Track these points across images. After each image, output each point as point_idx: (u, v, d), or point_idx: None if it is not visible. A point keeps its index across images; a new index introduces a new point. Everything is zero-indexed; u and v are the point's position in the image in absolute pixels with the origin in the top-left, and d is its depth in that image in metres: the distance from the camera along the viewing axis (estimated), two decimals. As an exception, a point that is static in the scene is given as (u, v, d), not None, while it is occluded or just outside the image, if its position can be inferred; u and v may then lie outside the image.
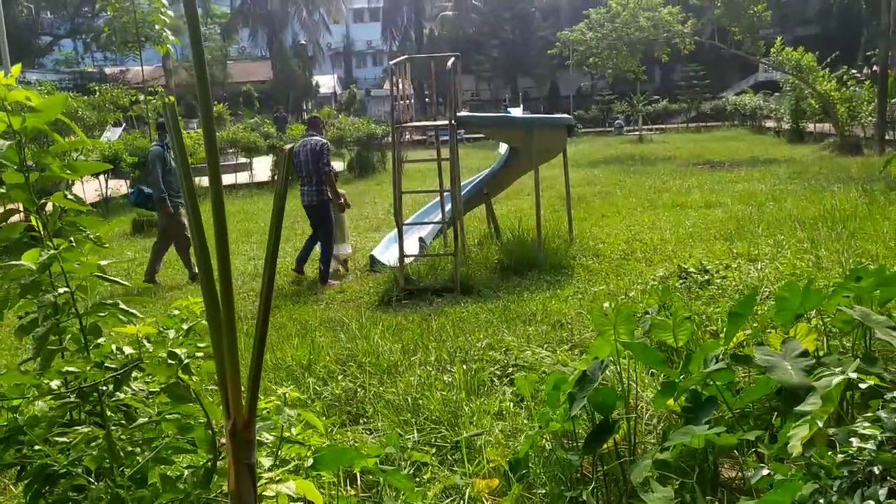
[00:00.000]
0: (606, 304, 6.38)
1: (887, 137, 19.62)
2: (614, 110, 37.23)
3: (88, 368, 1.93)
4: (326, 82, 55.31)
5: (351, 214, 13.69)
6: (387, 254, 9.12)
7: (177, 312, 2.50)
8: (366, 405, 4.20)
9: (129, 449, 2.09)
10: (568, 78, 45.29)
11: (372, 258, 8.97)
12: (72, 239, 2.30)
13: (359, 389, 4.49)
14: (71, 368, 1.96)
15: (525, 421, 3.90)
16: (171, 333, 2.25)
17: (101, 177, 14.95)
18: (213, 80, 46.89)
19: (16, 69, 2.44)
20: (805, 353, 3.18)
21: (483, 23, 45.77)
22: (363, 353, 5.14)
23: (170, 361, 1.91)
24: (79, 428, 2.15)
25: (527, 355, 5.10)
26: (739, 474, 3.35)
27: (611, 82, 29.01)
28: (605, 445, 3.21)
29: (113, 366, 2.07)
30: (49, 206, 2.56)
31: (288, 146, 1.81)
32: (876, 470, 2.01)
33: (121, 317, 2.13)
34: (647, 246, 9.06)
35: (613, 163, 21.51)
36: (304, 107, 51.83)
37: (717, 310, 5.41)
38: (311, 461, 2.25)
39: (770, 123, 30.40)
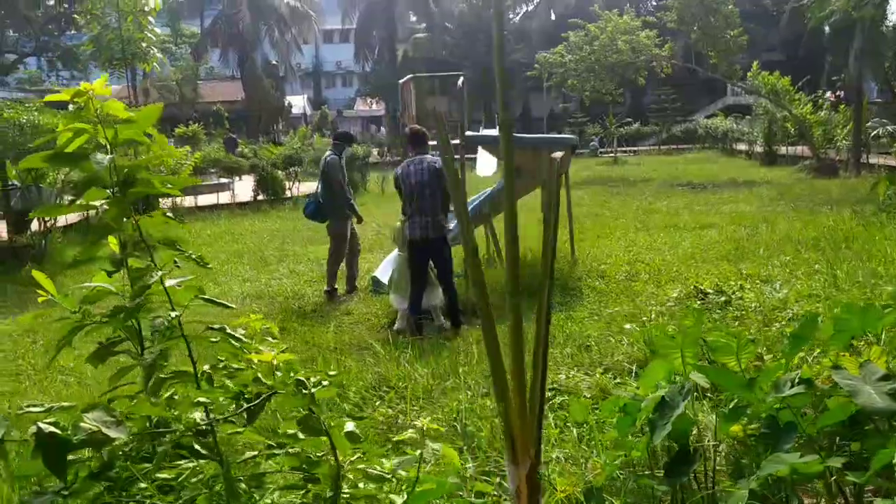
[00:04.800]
0: (628, 326, 6.36)
1: (862, 160, 20.04)
2: (587, 132, 37.59)
3: (221, 399, 1.77)
4: (297, 102, 55.09)
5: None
6: (388, 276, 8.95)
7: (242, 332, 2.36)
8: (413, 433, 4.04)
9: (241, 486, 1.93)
10: (540, 100, 45.68)
11: (375, 280, 8.80)
12: (176, 260, 2.15)
13: (399, 416, 4.34)
14: (203, 399, 1.80)
15: (584, 448, 3.78)
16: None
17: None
18: (183, 100, 46.41)
19: (101, 81, 2.29)
20: (887, 377, 3.12)
21: (456, 45, 46.09)
22: (397, 378, 4.98)
23: (303, 391, 1.76)
24: (182, 463, 1.99)
25: (561, 379, 5.00)
26: (815, 501, 3.27)
27: (587, 105, 29.26)
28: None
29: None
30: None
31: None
32: None
33: (233, 342, 1.98)
34: (650, 267, 9.04)
35: (594, 184, 21.62)
36: (276, 127, 51.51)
37: (754, 331, 5.35)
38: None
39: (742, 146, 30.91)
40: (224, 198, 18.31)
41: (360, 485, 1.94)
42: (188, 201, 17.09)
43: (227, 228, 14.59)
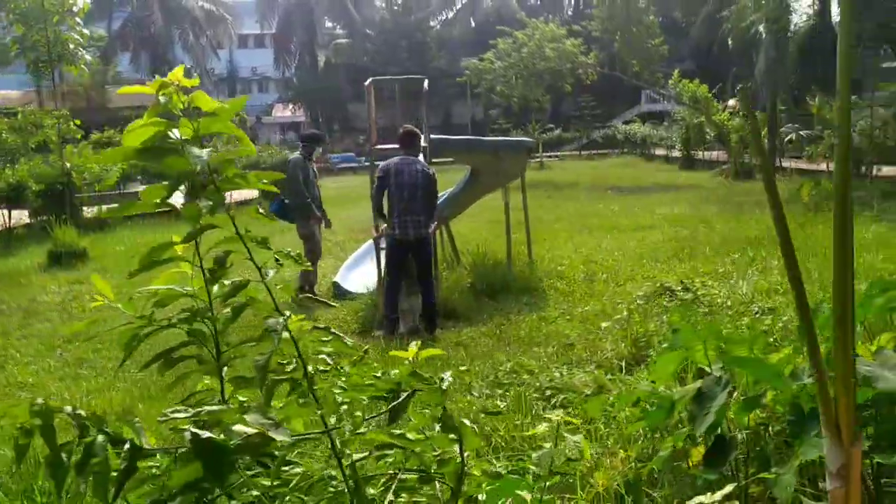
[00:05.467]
0: (605, 324, 6.48)
1: (776, 164, 21.06)
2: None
3: (366, 400, 1.71)
4: (212, 108, 53.62)
5: (287, 243, 13.27)
6: (349, 281, 8.85)
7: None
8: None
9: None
10: (462, 107, 46.01)
11: (336, 285, 8.67)
12: (277, 259, 2.06)
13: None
14: (342, 399, 1.73)
15: (609, 443, 3.83)
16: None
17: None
18: (92, 105, 44.53)
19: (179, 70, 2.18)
20: (903, 361, 3.29)
21: (377, 51, 45.92)
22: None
23: (441, 388, 1.72)
24: (288, 470, 1.92)
25: (556, 377, 5.04)
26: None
27: (516, 110, 29.70)
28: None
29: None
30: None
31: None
32: None
33: (347, 342, 1.92)
34: (604, 267, 9.24)
35: (526, 188, 21.90)
36: (191, 133, 50.02)
37: (727, 324, 5.54)
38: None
39: (660, 151, 32.00)
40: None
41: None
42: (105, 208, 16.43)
43: (160, 237, 14.03)
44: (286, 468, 1.94)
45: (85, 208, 15.21)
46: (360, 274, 8.97)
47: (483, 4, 49.64)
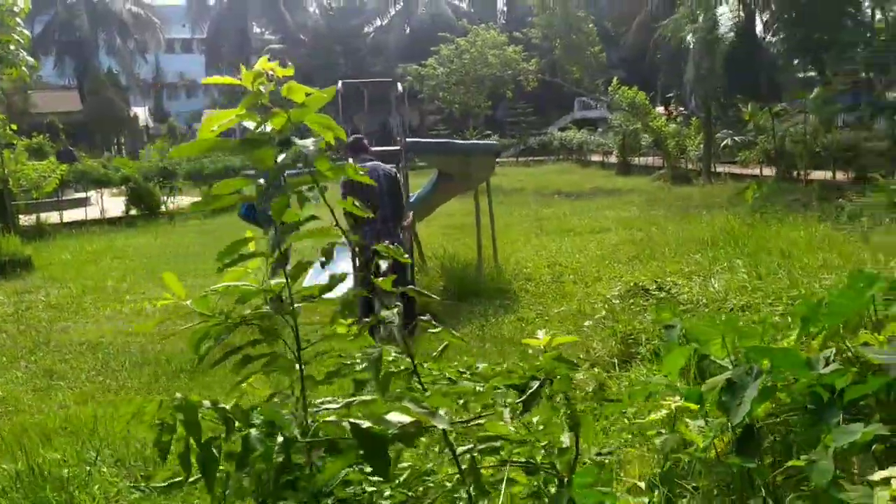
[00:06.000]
0: (588, 323, 6.59)
1: (711, 169, 21.79)
2: (449, 145, 38.20)
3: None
4: (139, 114, 52.23)
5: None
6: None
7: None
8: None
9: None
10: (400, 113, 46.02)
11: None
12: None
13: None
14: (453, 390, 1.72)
15: (626, 436, 3.89)
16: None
17: None
18: (14, 110, 42.71)
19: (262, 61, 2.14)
20: (914, 349, 3.46)
21: (312, 56, 45.53)
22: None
23: (568, 378, 1.73)
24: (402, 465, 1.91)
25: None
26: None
27: (457, 116, 29.89)
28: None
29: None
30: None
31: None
32: None
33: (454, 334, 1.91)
34: (570, 269, 9.39)
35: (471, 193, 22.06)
36: (119, 140, 48.62)
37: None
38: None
39: (596, 157, 32.66)
40: (93, 213, 17.04)
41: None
42: (54, 217, 15.79)
43: (106, 245, 13.57)
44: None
45: (22, 216, 14.59)
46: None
47: (418, 11, 49.80)
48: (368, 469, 1.82)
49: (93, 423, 4.50)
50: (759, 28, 25.31)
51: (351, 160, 6.97)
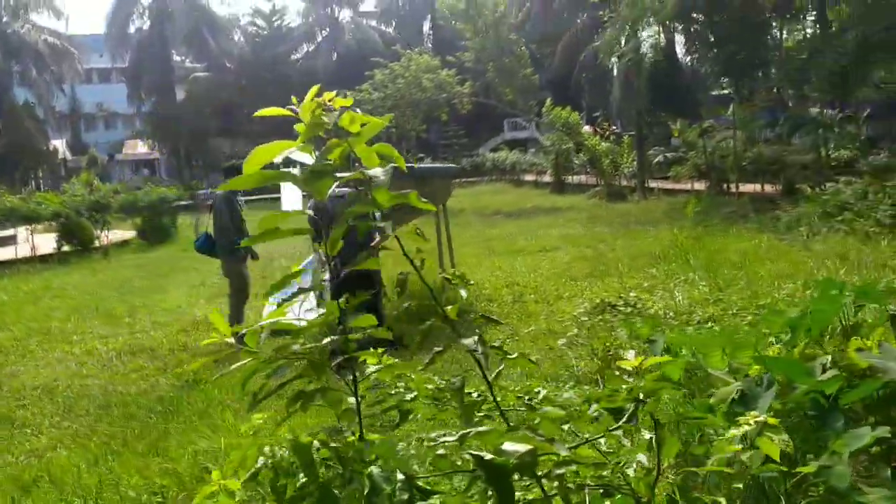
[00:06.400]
0: (562, 341, 6.65)
1: (645, 185, 22.43)
2: (382, 168, 38.17)
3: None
4: (58, 147, 50.45)
5: (189, 281, 12.66)
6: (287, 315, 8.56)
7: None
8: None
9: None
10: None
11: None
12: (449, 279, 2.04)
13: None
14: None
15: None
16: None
17: None
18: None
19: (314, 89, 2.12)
20: (906, 353, 3.63)
21: (239, 84, 44.95)
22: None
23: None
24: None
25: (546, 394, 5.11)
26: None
27: (393, 140, 29.93)
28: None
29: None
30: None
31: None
32: None
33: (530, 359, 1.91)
34: (529, 288, 9.47)
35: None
36: (37, 174, 46.83)
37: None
38: None
39: (528, 177, 33.20)
40: (23, 251, 16.30)
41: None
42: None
43: (42, 284, 13.00)
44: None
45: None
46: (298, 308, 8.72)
47: (345, 38, 49.81)
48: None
49: (76, 472, 4.28)
50: (679, 49, 26.30)
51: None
